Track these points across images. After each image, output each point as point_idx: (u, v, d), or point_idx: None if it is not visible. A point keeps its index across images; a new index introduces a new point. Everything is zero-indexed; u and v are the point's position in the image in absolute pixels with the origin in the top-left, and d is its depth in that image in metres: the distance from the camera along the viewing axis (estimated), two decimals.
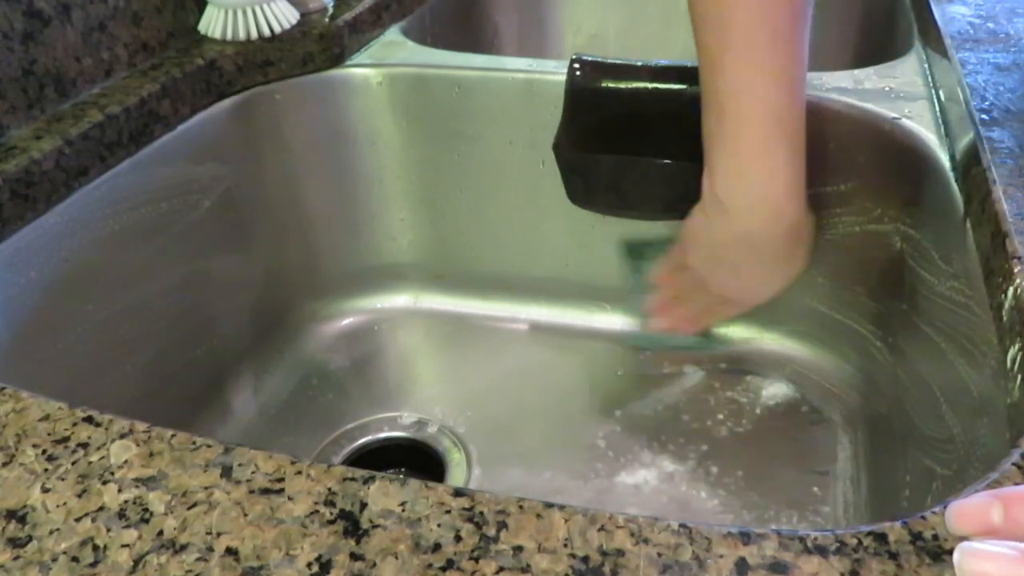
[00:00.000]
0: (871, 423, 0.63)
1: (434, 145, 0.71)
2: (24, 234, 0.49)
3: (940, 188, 0.51)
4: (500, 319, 0.76)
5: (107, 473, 0.30)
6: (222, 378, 0.67)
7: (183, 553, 0.27)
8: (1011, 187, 0.42)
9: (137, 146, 0.57)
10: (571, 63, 0.63)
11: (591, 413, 0.66)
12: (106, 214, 0.55)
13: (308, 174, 0.72)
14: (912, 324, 0.55)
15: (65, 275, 0.52)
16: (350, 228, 0.75)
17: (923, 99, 0.60)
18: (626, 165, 0.65)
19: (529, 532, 0.27)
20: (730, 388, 0.68)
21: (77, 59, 0.56)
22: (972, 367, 0.43)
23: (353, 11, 0.71)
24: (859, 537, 0.26)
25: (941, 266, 0.51)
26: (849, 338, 0.67)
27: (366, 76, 0.69)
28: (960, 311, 0.46)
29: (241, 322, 0.69)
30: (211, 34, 0.65)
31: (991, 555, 0.23)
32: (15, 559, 0.27)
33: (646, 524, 0.27)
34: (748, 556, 0.26)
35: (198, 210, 0.63)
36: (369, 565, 0.26)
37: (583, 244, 0.72)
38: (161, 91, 0.58)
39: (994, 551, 0.23)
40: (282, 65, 0.66)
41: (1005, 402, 0.36)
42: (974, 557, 0.23)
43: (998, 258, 0.39)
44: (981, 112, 0.49)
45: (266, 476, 0.29)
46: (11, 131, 0.52)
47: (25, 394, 0.33)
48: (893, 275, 0.60)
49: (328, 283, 0.76)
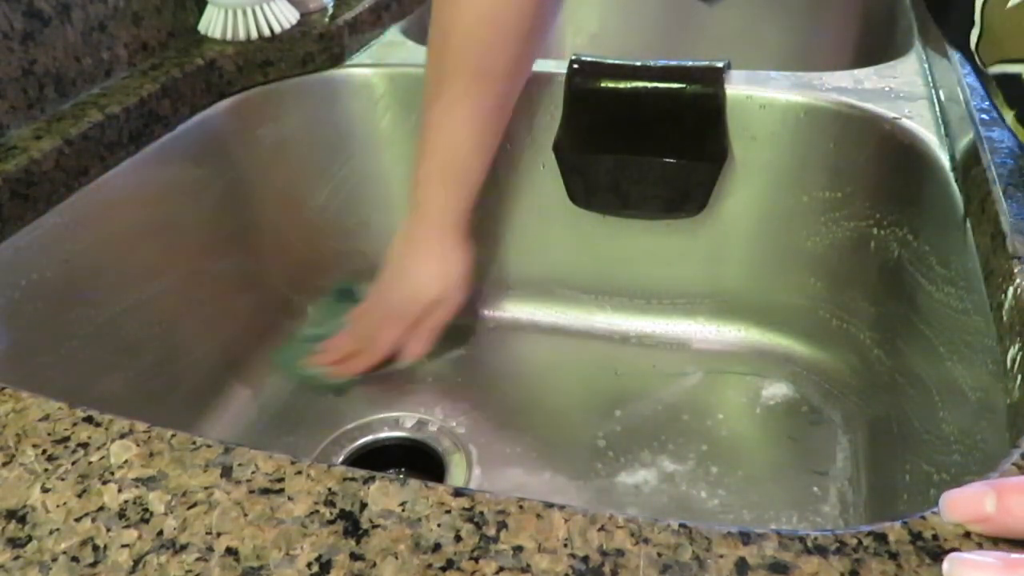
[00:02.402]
0: (871, 423, 0.63)
1: None
2: (24, 234, 0.49)
3: (940, 188, 0.51)
4: (500, 319, 0.76)
5: (107, 473, 0.30)
6: (222, 378, 0.67)
7: (183, 553, 0.27)
8: (1011, 187, 0.42)
9: (137, 146, 0.57)
10: (570, 63, 0.63)
11: (591, 413, 0.66)
12: (106, 214, 0.55)
13: (308, 174, 0.71)
14: (911, 325, 0.55)
15: (65, 276, 0.52)
16: (350, 228, 0.75)
17: (923, 99, 0.60)
18: (626, 165, 0.65)
19: (529, 532, 0.27)
20: (730, 388, 0.68)
21: (77, 59, 0.56)
22: (971, 368, 0.43)
23: (353, 11, 0.71)
24: (859, 537, 0.26)
25: (940, 267, 0.51)
26: (848, 338, 0.67)
27: (366, 76, 0.69)
28: (959, 312, 0.46)
29: (241, 322, 0.69)
30: (211, 34, 0.65)
31: (978, 564, 0.24)
32: (15, 559, 0.27)
33: (646, 524, 0.27)
34: (748, 556, 0.26)
35: (198, 210, 0.63)
36: (369, 565, 0.26)
37: (583, 244, 0.72)
38: (161, 91, 0.58)
39: (981, 560, 0.24)
40: (282, 65, 0.66)
41: (1005, 402, 0.36)
42: (962, 566, 0.24)
43: (998, 258, 0.39)
44: (981, 112, 0.49)
45: (266, 476, 0.29)
46: (11, 131, 0.52)
47: (25, 394, 0.33)
48: (892, 275, 0.60)
49: (328, 283, 0.76)
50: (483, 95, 0.57)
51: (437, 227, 0.59)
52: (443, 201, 0.59)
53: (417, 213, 0.59)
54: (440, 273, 0.60)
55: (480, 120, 0.57)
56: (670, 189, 0.65)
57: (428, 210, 0.59)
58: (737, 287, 0.70)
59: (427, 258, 0.60)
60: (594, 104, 0.63)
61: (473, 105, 0.56)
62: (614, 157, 0.64)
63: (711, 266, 0.70)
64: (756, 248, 0.69)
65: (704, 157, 0.63)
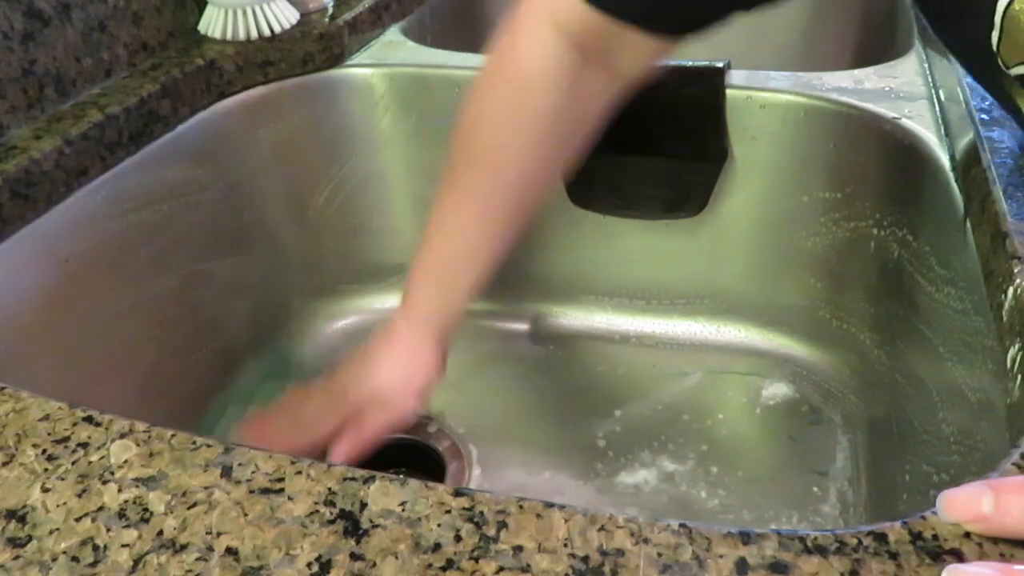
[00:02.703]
0: (871, 423, 0.63)
1: (434, 145, 0.71)
2: (24, 234, 0.49)
3: (940, 188, 0.51)
4: (500, 319, 0.76)
5: (107, 473, 0.30)
6: (223, 378, 0.67)
7: (183, 553, 0.27)
8: (1011, 187, 0.42)
9: (137, 146, 0.57)
10: None
11: (591, 413, 0.66)
12: (106, 214, 0.55)
13: (308, 174, 0.71)
14: (911, 325, 0.55)
15: (66, 276, 0.52)
16: (350, 228, 0.75)
17: (923, 99, 0.60)
18: (626, 165, 0.65)
19: (529, 532, 0.27)
20: (730, 388, 0.68)
21: (77, 59, 0.56)
22: (971, 368, 0.43)
23: (353, 11, 0.71)
24: (859, 537, 0.26)
25: (940, 267, 0.51)
26: (849, 338, 0.67)
27: (366, 76, 0.69)
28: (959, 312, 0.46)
29: (241, 322, 0.69)
30: (211, 34, 0.65)
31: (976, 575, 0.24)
32: (15, 559, 0.27)
33: (646, 524, 0.27)
34: (748, 556, 0.26)
35: (198, 210, 0.63)
36: (369, 565, 0.26)
37: (584, 244, 0.72)
38: (161, 91, 0.58)
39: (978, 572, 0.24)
40: (282, 65, 0.66)
41: (1005, 402, 0.36)
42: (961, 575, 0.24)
43: (998, 258, 0.39)
44: (981, 112, 0.49)
45: (266, 476, 0.29)
46: (11, 131, 0.52)
47: (25, 394, 0.33)
48: (892, 276, 0.60)
49: (328, 283, 0.76)
50: (493, 195, 0.53)
51: (414, 326, 0.54)
52: (428, 301, 0.54)
53: (402, 306, 0.55)
54: (398, 372, 0.53)
55: (486, 223, 0.53)
56: (670, 189, 0.66)
57: (410, 306, 0.54)
58: (737, 287, 0.70)
59: (391, 353, 0.54)
60: None
61: (481, 204, 0.53)
62: (614, 157, 0.64)
63: (711, 266, 0.70)
64: (756, 248, 0.69)
65: (704, 157, 0.63)
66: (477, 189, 0.52)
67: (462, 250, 0.53)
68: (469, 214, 0.53)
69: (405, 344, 0.54)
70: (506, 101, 0.51)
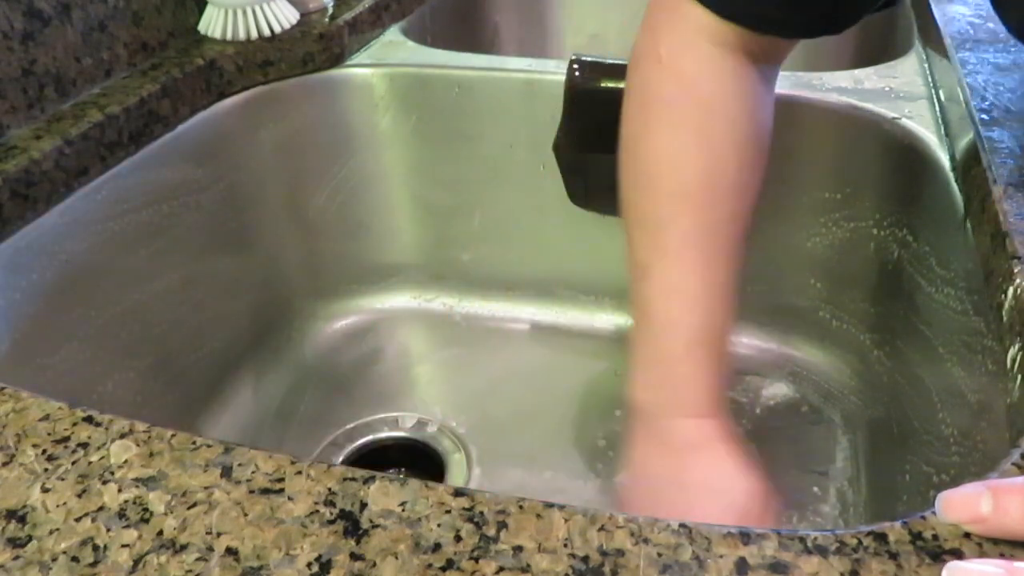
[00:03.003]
0: (871, 423, 0.63)
1: (434, 145, 0.71)
2: (24, 234, 0.49)
3: (940, 188, 0.51)
4: (500, 319, 0.76)
5: (107, 473, 0.30)
6: (223, 379, 0.67)
7: (183, 553, 0.27)
8: (1011, 187, 0.42)
9: (137, 146, 0.57)
10: (570, 63, 0.63)
11: (591, 413, 0.66)
12: (106, 214, 0.55)
13: (308, 174, 0.72)
14: (911, 325, 0.55)
15: (66, 276, 0.52)
16: (350, 228, 0.75)
17: (923, 99, 0.60)
18: None
19: (529, 532, 0.27)
20: (730, 388, 0.68)
21: (77, 59, 0.56)
22: (970, 369, 0.43)
23: (353, 11, 0.71)
24: (859, 537, 0.26)
25: (940, 268, 0.51)
26: (849, 338, 0.67)
27: (366, 76, 0.69)
28: (959, 313, 0.46)
29: (241, 322, 0.69)
30: (211, 34, 0.65)
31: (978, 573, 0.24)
32: (15, 559, 0.27)
33: (646, 524, 0.27)
34: (748, 556, 0.26)
35: (198, 210, 0.63)
36: (369, 565, 0.26)
37: (583, 244, 0.72)
38: (161, 91, 0.58)
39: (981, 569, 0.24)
40: (282, 65, 0.66)
41: (1005, 402, 0.36)
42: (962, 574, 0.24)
43: (998, 258, 0.39)
44: (981, 112, 0.49)
45: (266, 476, 0.29)
46: (11, 131, 0.52)
47: (25, 394, 0.33)
48: (892, 276, 0.60)
49: (328, 283, 0.76)
50: (717, 233, 0.48)
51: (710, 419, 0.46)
52: (704, 383, 0.47)
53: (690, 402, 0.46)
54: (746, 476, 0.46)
55: (722, 263, 0.48)
56: None
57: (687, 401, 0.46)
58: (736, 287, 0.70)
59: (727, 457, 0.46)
60: (594, 104, 0.63)
61: (711, 250, 0.47)
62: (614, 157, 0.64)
63: None
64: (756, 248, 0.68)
65: None
66: (701, 235, 0.47)
67: (717, 306, 0.48)
68: (700, 263, 0.47)
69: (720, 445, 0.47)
70: (699, 130, 0.47)
